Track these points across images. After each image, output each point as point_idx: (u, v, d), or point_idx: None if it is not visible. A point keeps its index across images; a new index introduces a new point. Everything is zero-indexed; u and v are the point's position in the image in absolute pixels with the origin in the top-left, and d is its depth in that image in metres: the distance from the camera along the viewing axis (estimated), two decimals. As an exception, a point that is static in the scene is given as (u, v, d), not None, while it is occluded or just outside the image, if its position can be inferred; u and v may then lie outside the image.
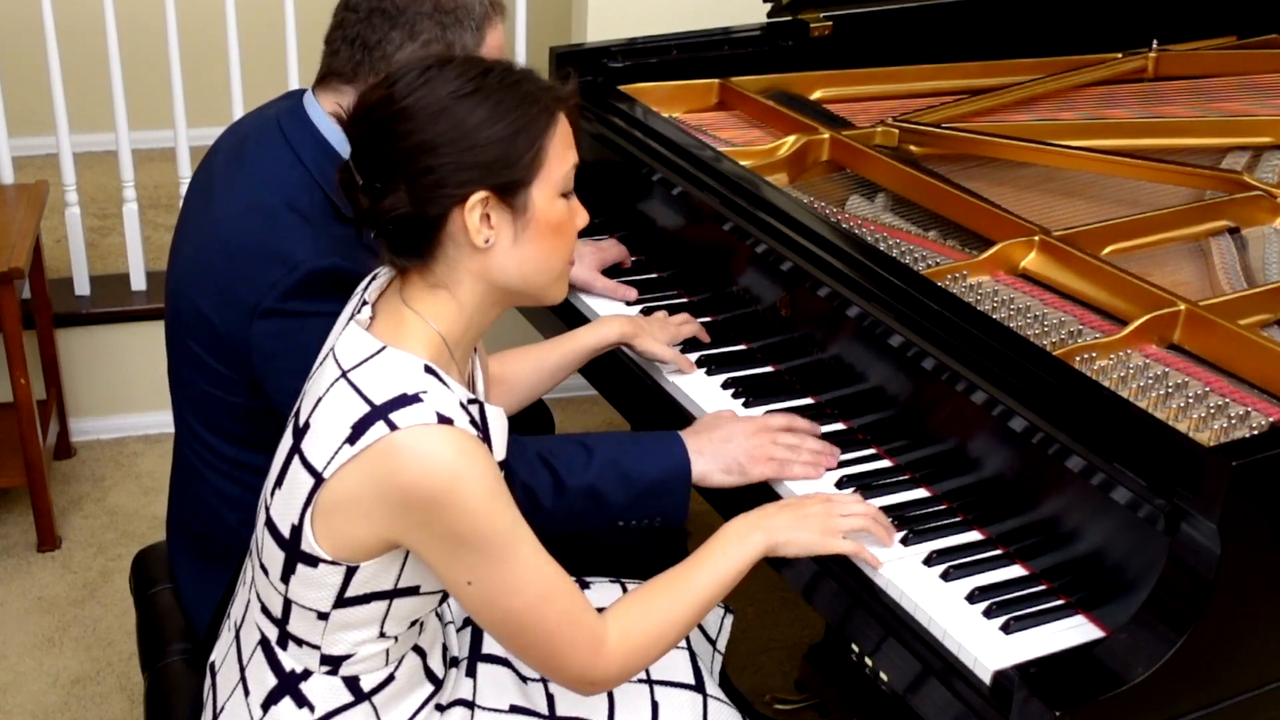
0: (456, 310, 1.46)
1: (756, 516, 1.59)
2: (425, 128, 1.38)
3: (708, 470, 1.75)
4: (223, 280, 1.74)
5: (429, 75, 1.41)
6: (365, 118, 1.41)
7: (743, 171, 2.10)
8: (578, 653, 1.45)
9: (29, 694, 2.61)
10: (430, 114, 1.38)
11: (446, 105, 1.39)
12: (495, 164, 1.40)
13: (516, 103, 1.41)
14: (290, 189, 1.74)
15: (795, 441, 1.74)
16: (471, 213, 1.40)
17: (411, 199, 1.39)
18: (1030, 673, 1.38)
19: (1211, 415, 1.58)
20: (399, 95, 1.39)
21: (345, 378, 1.42)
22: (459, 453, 1.37)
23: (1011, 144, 2.25)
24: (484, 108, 1.39)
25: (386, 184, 1.39)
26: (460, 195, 1.40)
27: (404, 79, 1.41)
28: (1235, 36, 2.79)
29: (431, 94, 1.39)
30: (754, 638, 2.75)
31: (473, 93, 1.39)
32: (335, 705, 1.52)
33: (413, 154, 1.38)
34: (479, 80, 1.40)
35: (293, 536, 1.44)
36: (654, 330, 1.95)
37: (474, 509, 1.37)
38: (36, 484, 2.94)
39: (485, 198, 1.41)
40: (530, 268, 1.46)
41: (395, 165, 1.39)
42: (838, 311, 1.81)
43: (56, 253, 3.67)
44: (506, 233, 1.43)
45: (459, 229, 1.42)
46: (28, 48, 3.66)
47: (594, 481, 1.74)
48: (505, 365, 1.88)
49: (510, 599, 1.42)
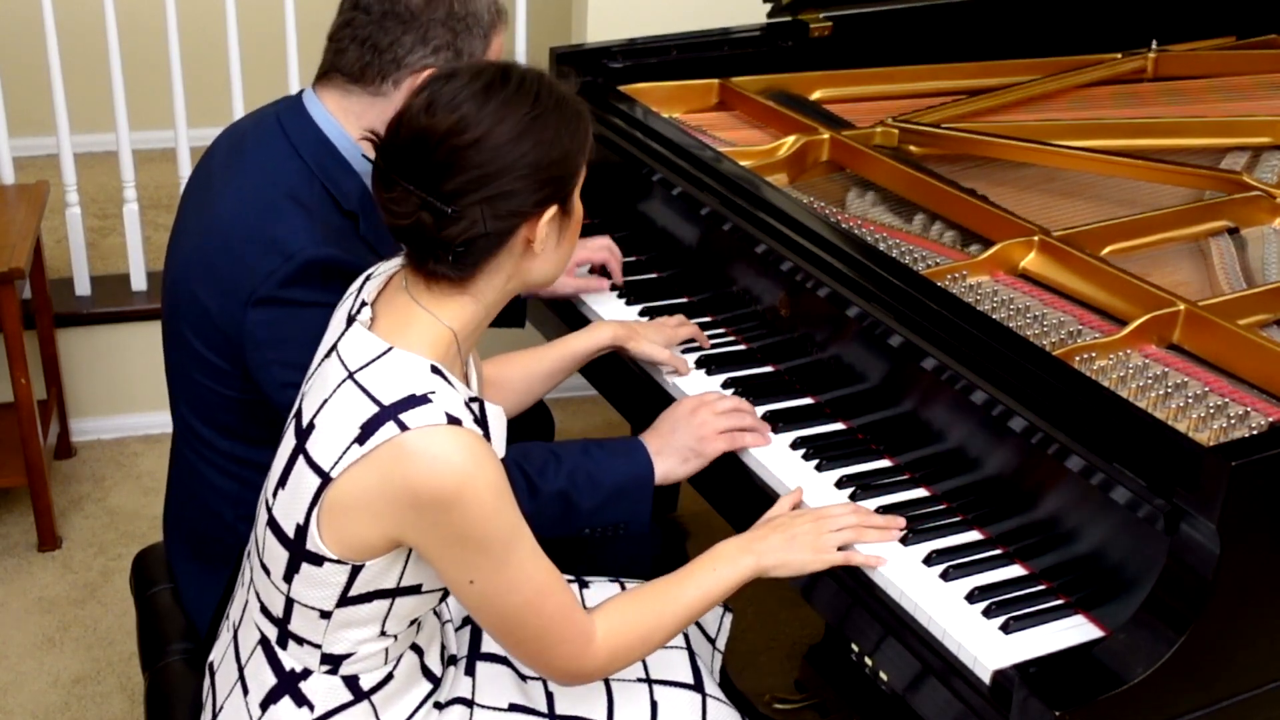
0: (475, 308, 1.48)
1: (749, 539, 1.63)
2: (506, 154, 1.40)
3: (670, 467, 1.78)
4: (222, 270, 1.74)
5: (496, 100, 1.41)
6: (434, 144, 1.39)
7: (743, 172, 2.10)
8: (566, 647, 1.48)
9: (29, 694, 2.61)
10: (509, 140, 1.40)
11: (523, 129, 1.40)
12: (564, 180, 1.45)
13: (568, 119, 1.45)
14: (290, 181, 1.75)
15: (730, 405, 1.80)
16: (543, 228, 1.44)
17: (486, 220, 1.41)
18: (1030, 672, 1.38)
19: (1211, 415, 1.58)
20: (471, 122, 1.39)
21: (352, 379, 1.42)
22: (469, 454, 1.38)
23: (1011, 144, 2.25)
24: (549, 128, 1.42)
25: (462, 207, 1.40)
26: (537, 214, 1.43)
27: (468, 103, 1.40)
28: (1235, 36, 2.79)
29: (505, 120, 1.40)
30: (754, 638, 2.75)
31: (540, 115, 1.42)
32: (334, 704, 1.52)
33: (494, 178, 1.40)
34: (537, 102, 1.42)
35: (297, 536, 1.44)
36: (648, 333, 1.96)
37: (482, 510, 1.38)
38: (37, 484, 2.94)
39: (555, 211, 1.45)
40: (558, 263, 1.52)
41: (472, 189, 1.39)
42: (838, 311, 1.82)
43: (57, 253, 3.67)
44: (554, 237, 1.48)
45: (521, 241, 1.45)
46: (28, 48, 3.66)
47: (564, 486, 1.75)
48: (500, 369, 1.89)
49: (509, 596, 1.44)
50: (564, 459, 1.77)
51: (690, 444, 1.77)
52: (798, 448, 1.78)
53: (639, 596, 1.56)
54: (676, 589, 1.57)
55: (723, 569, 1.59)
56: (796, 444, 1.78)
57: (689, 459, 1.78)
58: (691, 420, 1.78)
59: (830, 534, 1.60)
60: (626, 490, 1.77)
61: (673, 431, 1.79)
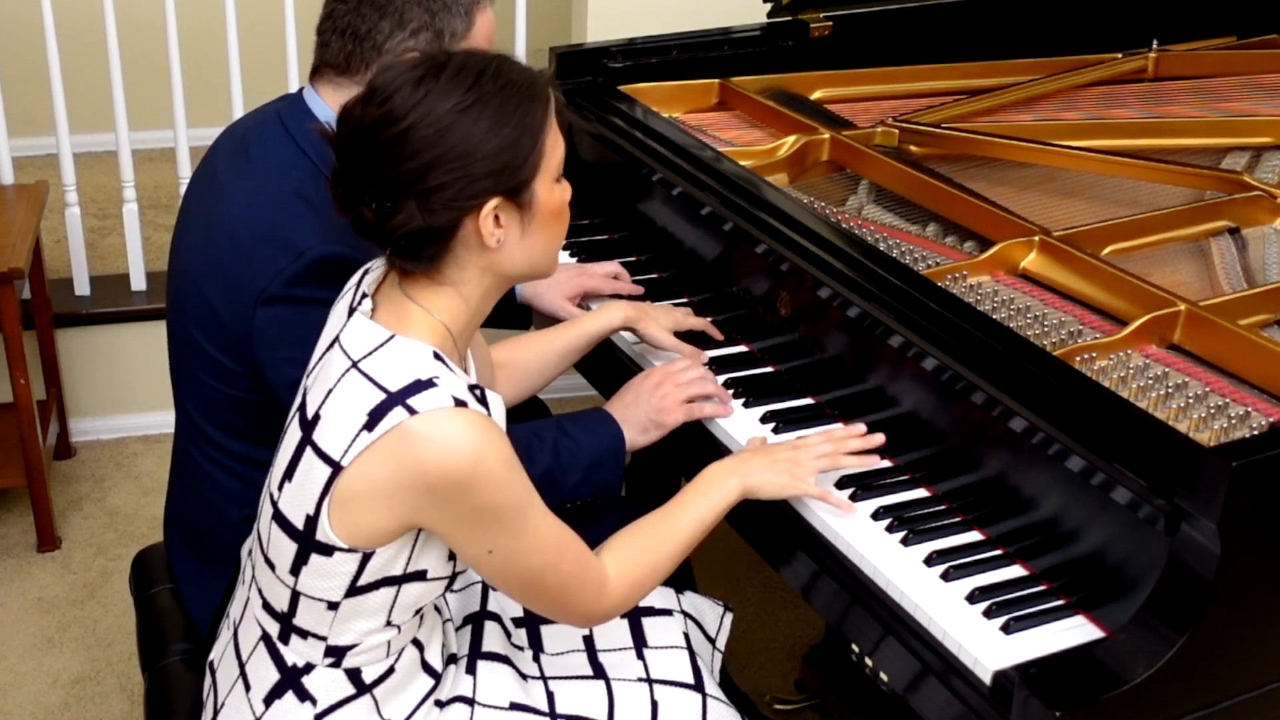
0: (461, 303, 1.48)
1: (734, 461, 1.68)
2: (432, 145, 1.37)
3: (631, 436, 1.83)
4: (231, 269, 1.74)
5: (426, 89, 1.39)
6: (364, 137, 1.39)
7: (743, 171, 2.10)
8: (585, 594, 1.53)
9: (29, 694, 2.61)
10: (437, 131, 1.37)
11: (451, 121, 1.38)
12: (504, 170, 1.41)
13: (515, 104, 1.41)
14: (296, 178, 1.75)
15: (695, 375, 1.84)
16: (485, 220, 1.42)
17: (423, 213, 1.39)
18: (1030, 673, 1.38)
19: (1211, 415, 1.58)
20: (399, 113, 1.38)
21: (356, 367, 1.42)
22: (477, 433, 1.39)
23: (1011, 144, 2.25)
24: (486, 117, 1.39)
25: (395, 201, 1.39)
26: (474, 206, 1.41)
27: (398, 93, 1.39)
28: (1235, 36, 2.79)
29: (433, 110, 1.38)
30: (754, 638, 2.75)
31: (474, 104, 1.39)
32: (337, 698, 1.52)
33: (422, 172, 1.38)
34: (476, 89, 1.39)
35: (307, 527, 1.45)
36: (659, 316, 1.98)
37: (495, 484, 1.40)
38: (36, 484, 2.94)
39: (497, 204, 1.42)
40: (537, 255, 1.50)
41: (403, 183, 1.38)
42: (838, 312, 1.81)
43: (56, 253, 3.67)
44: (515, 229, 1.46)
45: (470, 234, 1.43)
46: (28, 48, 3.66)
47: (551, 465, 1.79)
48: (513, 351, 1.90)
49: (529, 559, 1.47)
50: (545, 438, 1.80)
51: (651, 415, 1.82)
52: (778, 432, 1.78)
53: (640, 531, 1.60)
54: (674, 519, 1.62)
55: (713, 492, 1.64)
56: (796, 443, 1.78)
57: (648, 429, 1.83)
58: (655, 393, 1.83)
59: (810, 461, 1.66)
60: (603, 461, 1.82)
61: (636, 402, 1.83)
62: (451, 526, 1.43)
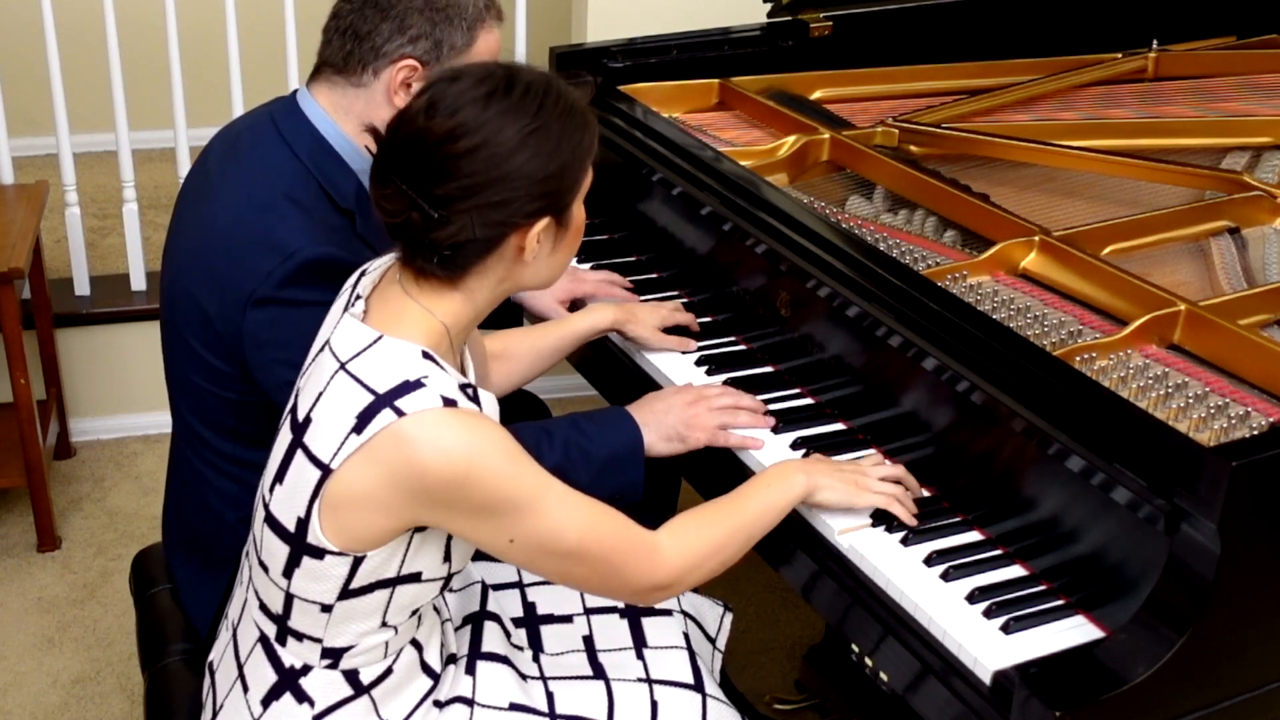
0: (468, 306, 1.49)
1: (801, 462, 1.67)
2: (500, 164, 1.39)
3: (652, 441, 1.80)
4: (220, 272, 1.74)
5: (497, 107, 1.40)
6: (430, 146, 1.40)
7: (743, 171, 2.10)
8: (637, 563, 1.49)
9: (29, 694, 2.61)
10: (505, 150, 1.39)
11: (518, 142, 1.40)
12: (560, 192, 1.45)
13: (573, 130, 1.44)
14: (286, 180, 1.76)
15: (729, 403, 1.81)
16: (532, 238, 1.44)
17: (475, 226, 1.41)
18: (1030, 673, 1.38)
19: (1211, 415, 1.58)
20: (469, 128, 1.39)
21: (344, 369, 1.42)
22: (469, 430, 1.39)
23: (1011, 144, 2.24)
24: (549, 141, 1.42)
25: (450, 211, 1.40)
26: (527, 224, 1.43)
27: (468, 108, 1.40)
28: (1235, 36, 2.79)
29: (504, 129, 1.40)
30: (754, 638, 2.75)
31: (540, 128, 1.41)
32: (335, 699, 1.52)
33: (486, 187, 1.39)
34: (542, 113, 1.42)
35: (298, 530, 1.45)
36: (646, 316, 1.99)
37: (499, 476, 1.40)
38: (36, 484, 2.94)
39: (549, 222, 1.44)
40: (556, 269, 1.53)
41: (464, 196, 1.40)
42: (837, 311, 1.81)
43: (56, 253, 3.67)
44: (548, 245, 1.48)
45: (512, 248, 1.45)
46: (28, 48, 3.66)
47: (559, 462, 1.76)
48: (507, 342, 1.92)
49: (561, 540, 1.45)
50: (555, 435, 1.79)
51: (678, 427, 1.80)
52: (798, 448, 1.78)
53: (702, 512, 1.59)
54: (739, 503, 1.60)
55: (779, 485, 1.62)
56: (797, 444, 1.78)
57: (672, 440, 1.80)
58: (687, 409, 1.81)
59: (875, 483, 1.64)
60: (619, 460, 1.79)
61: (668, 411, 1.81)
62: (460, 524, 1.43)
